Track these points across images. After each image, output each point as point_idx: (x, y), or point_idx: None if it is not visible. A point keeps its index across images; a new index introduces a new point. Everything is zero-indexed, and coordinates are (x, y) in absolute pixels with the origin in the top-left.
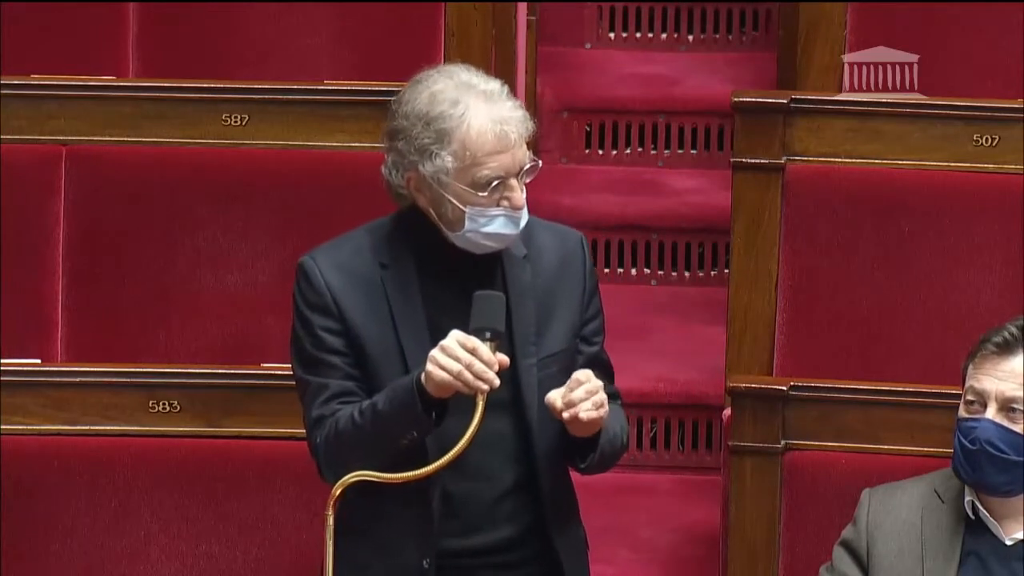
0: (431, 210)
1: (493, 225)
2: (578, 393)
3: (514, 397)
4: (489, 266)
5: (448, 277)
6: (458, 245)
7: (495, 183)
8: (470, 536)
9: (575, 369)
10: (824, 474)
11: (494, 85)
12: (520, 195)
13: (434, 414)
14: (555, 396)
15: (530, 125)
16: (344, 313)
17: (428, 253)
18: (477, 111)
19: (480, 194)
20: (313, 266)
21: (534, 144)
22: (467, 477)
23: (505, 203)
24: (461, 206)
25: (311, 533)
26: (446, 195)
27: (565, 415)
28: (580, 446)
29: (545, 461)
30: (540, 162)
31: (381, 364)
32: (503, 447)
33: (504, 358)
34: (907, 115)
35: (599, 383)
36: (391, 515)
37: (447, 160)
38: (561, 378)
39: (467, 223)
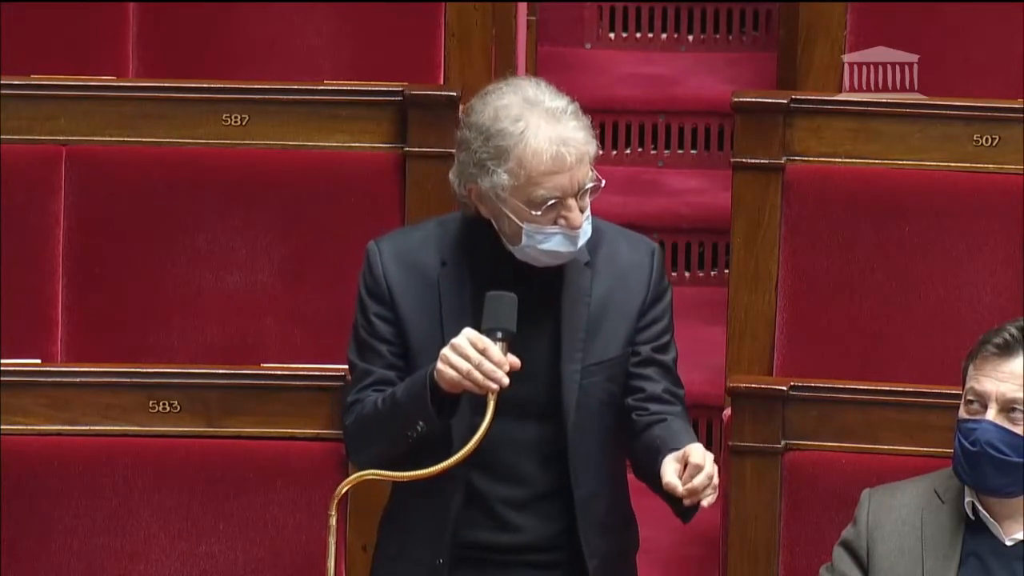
0: (493, 220)
1: (550, 243)
2: (700, 479)
3: (554, 401)
4: (548, 271)
5: (504, 282)
6: (518, 257)
7: (551, 202)
8: (499, 533)
9: (624, 378)
10: (824, 474)
11: (561, 103)
12: (578, 215)
13: (443, 411)
14: (674, 480)
15: (593, 147)
16: (396, 303)
17: (488, 257)
18: (537, 130)
19: (536, 212)
20: (376, 253)
21: None
22: (498, 478)
23: (562, 222)
24: (519, 222)
25: (311, 533)
26: (504, 210)
27: (686, 502)
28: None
29: (580, 468)
30: (604, 181)
31: (422, 358)
32: (538, 451)
33: (515, 360)
34: (907, 115)
35: (714, 466)
36: (413, 508)
37: (503, 177)
38: (607, 386)
39: (524, 239)
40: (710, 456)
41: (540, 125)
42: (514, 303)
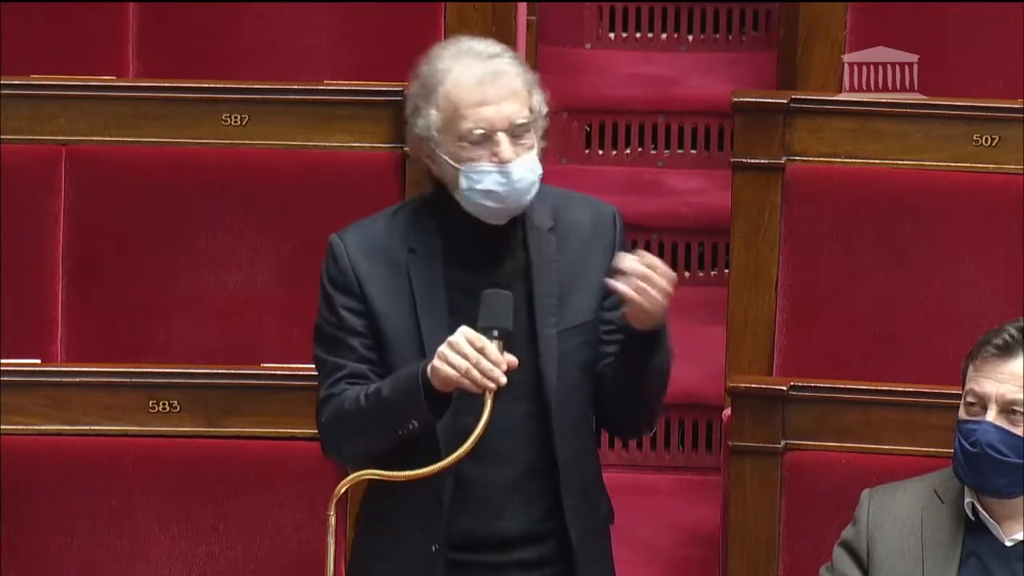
0: (440, 176)
1: (485, 182)
2: (655, 263)
3: (535, 368)
4: (511, 240)
5: (470, 256)
6: (470, 213)
7: (478, 134)
8: (485, 522)
9: (600, 342)
10: (824, 474)
11: (496, 49)
12: (507, 149)
13: (436, 408)
14: (628, 258)
15: (524, 84)
16: (367, 294)
17: (452, 233)
18: (464, 66)
19: (467, 149)
20: (340, 244)
21: None
22: (483, 461)
23: (494, 158)
24: (454, 164)
25: (311, 533)
26: (439, 154)
27: (626, 308)
28: (643, 349)
29: (564, 441)
30: (538, 120)
31: (398, 347)
32: (520, 427)
33: (512, 358)
34: (907, 115)
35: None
36: (402, 499)
37: (432, 114)
38: (585, 350)
39: (462, 182)
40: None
41: (468, 62)
42: (510, 301)
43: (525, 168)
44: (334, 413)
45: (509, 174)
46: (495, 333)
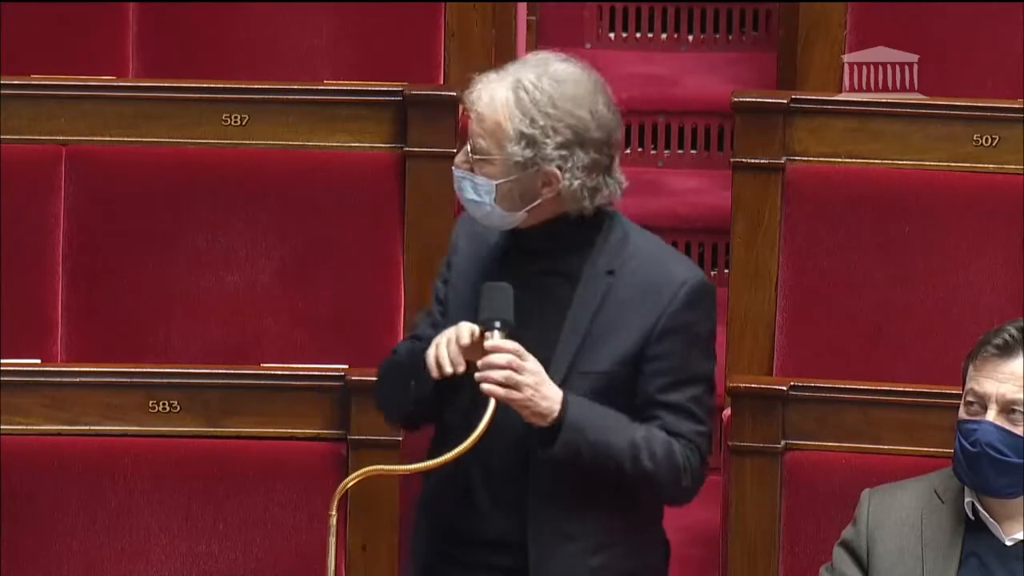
0: None
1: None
2: (494, 357)
3: None
4: (565, 270)
5: (526, 267)
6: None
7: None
8: (466, 513)
9: (614, 398)
10: (824, 474)
11: (515, 67)
12: (460, 155)
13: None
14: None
15: (498, 120)
16: (453, 266)
17: (520, 241)
18: (487, 82)
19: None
20: (458, 222)
21: None
22: (479, 463)
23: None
24: None
25: (311, 533)
26: None
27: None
28: (540, 444)
29: (537, 471)
30: (510, 163)
31: (451, 321)
32: (506, 435)
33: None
34: (907, 115)
35: (521, 362)
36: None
37: None
38: (591, 398)
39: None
40: (526, 354)
41: (490, 77)
42: (510, 293)
43: (466, 182)
44: (382, 363)
45: (459, 182)
46: (497, 325)
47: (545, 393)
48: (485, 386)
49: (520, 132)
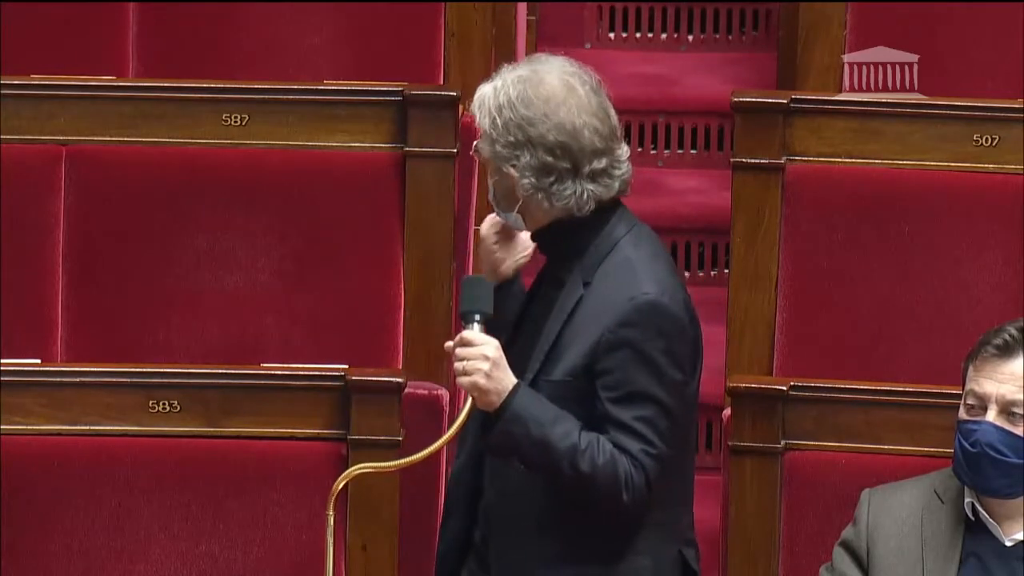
0: None
1: None
2: (460, 349)
3: None
4: (563, 277)
5: (544, 276)
6: None
7: None
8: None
9: (575, 409)
10: (824, 474)
11: (511, 66)
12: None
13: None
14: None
15: (483, 120)
16: None
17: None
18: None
19: None
20: None
21: None
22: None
23: None
24: None
25: (311, 533)
26: None
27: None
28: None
29: (495, 474)
30: (475, 152)
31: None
32: (475, 445)
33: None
34: (907, 115)
35: (479, 353)
36: None
37: None
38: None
39: None
40: (485, 344)
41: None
42: (490, 286)
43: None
44: None
45: None
46: (477, 317)
47: (497, 378)
48: (458, 377)
49: (484, 131)
